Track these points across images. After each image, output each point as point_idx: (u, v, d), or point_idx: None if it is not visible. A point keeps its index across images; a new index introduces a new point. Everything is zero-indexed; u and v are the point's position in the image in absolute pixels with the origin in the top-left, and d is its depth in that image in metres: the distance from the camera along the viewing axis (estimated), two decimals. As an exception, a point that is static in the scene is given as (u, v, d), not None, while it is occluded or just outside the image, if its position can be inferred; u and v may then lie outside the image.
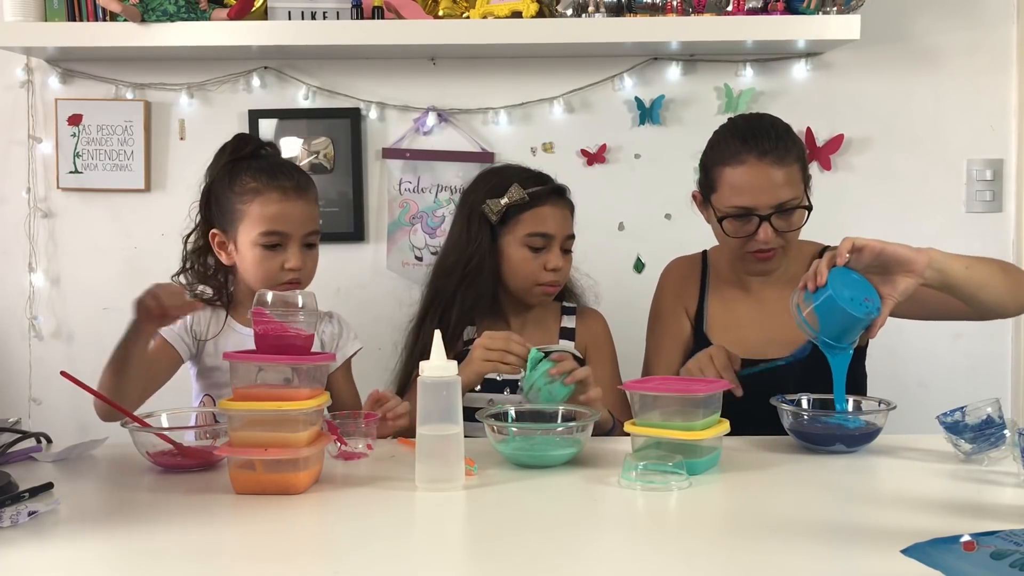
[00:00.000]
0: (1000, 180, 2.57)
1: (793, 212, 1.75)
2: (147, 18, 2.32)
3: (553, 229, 1.86)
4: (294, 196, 1.76)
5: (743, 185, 1.73)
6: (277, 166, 1.80)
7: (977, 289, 1.55)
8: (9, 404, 2.55)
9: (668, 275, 2.00)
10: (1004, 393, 2.57)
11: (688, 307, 1.92)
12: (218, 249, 1.80)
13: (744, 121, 1.83)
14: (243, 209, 1.75)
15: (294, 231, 1.75)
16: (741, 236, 1.75)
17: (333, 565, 1.08)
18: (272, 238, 1.74)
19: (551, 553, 1.09)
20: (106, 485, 1.45)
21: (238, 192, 1.76)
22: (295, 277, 1.76)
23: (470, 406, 1.82)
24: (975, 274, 1.54)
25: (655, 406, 1.44)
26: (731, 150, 1.75)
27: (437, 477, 1.35)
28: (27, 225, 2.57)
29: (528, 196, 1.86)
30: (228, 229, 1.78)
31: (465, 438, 1.62)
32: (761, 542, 1.12)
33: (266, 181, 1.75)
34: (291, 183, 1.76)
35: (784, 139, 1.75)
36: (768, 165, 1.72)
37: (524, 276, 1.87)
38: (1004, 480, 1.36)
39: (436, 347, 1.37)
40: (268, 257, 1.75)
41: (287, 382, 1.37)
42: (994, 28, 2.55)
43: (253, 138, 1.85)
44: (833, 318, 1.47)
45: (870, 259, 1.49)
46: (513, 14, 2.35)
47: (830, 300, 1.46)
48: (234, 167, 1.78)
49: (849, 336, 1.51)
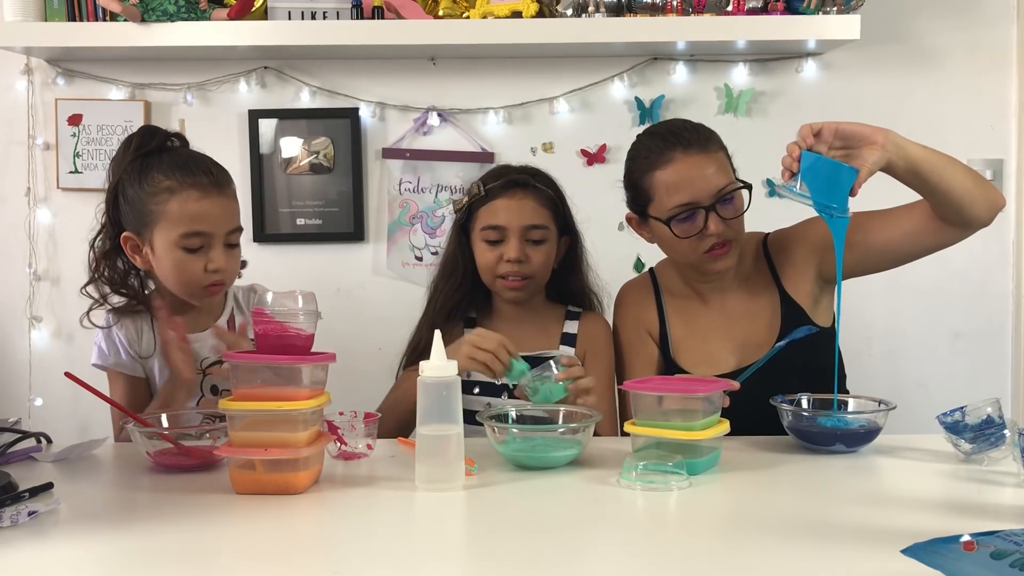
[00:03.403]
0: (1000, 180, 2.57)
1: (734, 197, 1.74)
2: (147, 18, 2.32)
3: (505, 220, 1.83)
4: (214, 192, 1.64)
5: (678, 182, 1.71)
6: (191, 160, 1.67)
7: (941, 171, 1.55)
8: (9, 404, 2.55)
9: (622, 302, 1.94)
10: (1004, 393, 2.57)
11: (651, 329, 1.87)
12: (131, 253, 1.68)
13: (658, 127, 1.84)
14: (158, 210, 1.62)
15: (216, 230, 1.64)
16: (692, 236, 1.72)
17: (333, 565, 1.08)
18: (193, 240, 1.63)
19: (551, 553, 1.09)
20: (106, 485, 1.45)
21: (150, 192, 1.63)
22: (219, 279, 1.66)
23: (469, 408, 1.82)
24: (934, 156, 1.55)
25: (655, 406, 1.44)
26: (655, 154, 1.74)
27: (437, 477, 1.35)
28: (27, 225, 2.58)
29: (485, 191, 1.86)
30: (142, 231, 1.65)
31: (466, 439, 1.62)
32: (761, 542, 1.12)
33: (181, 178, 1.62)
34: (209, 179, 1.65)
35: (700, 131, 1.77)
36: (696, 155, 1.72)
37: (485, 270, 1.87)
38: (1004, 480, 1.36)
39: (436, 347, 1.37)
40: (189, 260, 1.63)
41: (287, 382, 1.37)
42: (994, 28, 2.55)
43: (160, 130, 1.73)
44: (820, 174, 1.48)
45: (830, 137, 1.51)
46: (513, 14, 2.35)
47: (810, 158, 1.48)
48: (143, 163, 1.65)
49: (840, 191, 1.49)
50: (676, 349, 1.84)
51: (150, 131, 1.74)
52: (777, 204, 2.66)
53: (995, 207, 1.65)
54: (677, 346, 1.84)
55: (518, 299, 1.89)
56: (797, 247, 1.82)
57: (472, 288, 1.91)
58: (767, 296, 1.81)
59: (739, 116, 2.54)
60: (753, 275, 1.84)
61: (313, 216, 2.58)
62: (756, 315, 1.80)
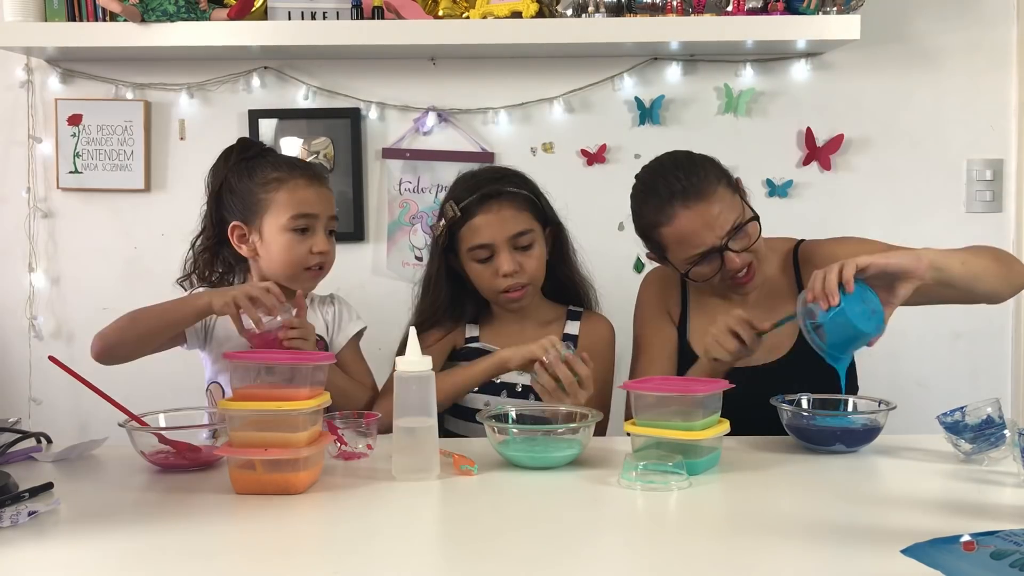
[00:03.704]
0: (1000, 180, 2.57)
1: (746, 228, 1.73)
2: (147, 18, 2.32)
3: (489, 237, 1.81)
4: (317, 183, 1.81)
5: (686, 235, 1.71)
6: (293, 159, 1.88)
7: (973, 282, 1.57)
8: (9, 404, 2.55)
9: (649, 283, 1.97)
10: (1004, 393, 2.57)
11: (672, 312, 1.90)
12: (238, 242, 1.80)
13: (651, 176, 1.79)
14: (269, 198, 1.77)
15: (322, 213, 1.79)
16: (714, 275, 1.74)
17: (333, 565, 1.08)
18: (302, 221, 1.76)
19: (551, 553, 1.09)
20: (106, 485, 1.44)
21: (261, 183, 1.78)
22: (321, 261, 1.79)
23: (469, 406, 1.83)
24: (971, 268, 1.56)
25: (655, 406, 1.44)
26: (655, 211, 1.73)
27: (413, 468, 1.40)
28: (27, 225, 2.57)
29: (460, 211, 1.83)
30: (251, 220, 1.78)
31: (465, 439, 1.63)
32: (761, 542, 1.12)
33: (289, 169, 1.79)
34: (312, 172, 1.83)
35: (694, 172, 1.72)
36: (695, 206, 1.69)
37: (485, 289, 1.86)
38: (1004, 480, 1.36)
39: (411, 343, 1.42)
40: (297, 241, 1.76)
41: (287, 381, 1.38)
42: (994, 28, 2.55)
43: (255, 141, 1.91)
44: (842, 333, 1.47)
45: (873, 275, 1.49)
46: (513, 14, 2.35)
47: (842, 314, 1.44)
48: (249, 164, 1.81)
49: (854, 346, 1.51)
50: (693, 338, 1.86)
51: (248, 141, 1.91)
52: (777, 203, 2.66)
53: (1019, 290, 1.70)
54: (695, 335, 1.86)
55: (522, 307, 1.88)
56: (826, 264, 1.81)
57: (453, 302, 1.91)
58: (789, 305, 1.81)
59: (739, 116, 2.54)
60: (778, 282, 1.84)
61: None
62: (775, 320, 1.80)
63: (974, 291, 1.58)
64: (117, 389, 1.55)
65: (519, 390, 1.83)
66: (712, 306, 1.86)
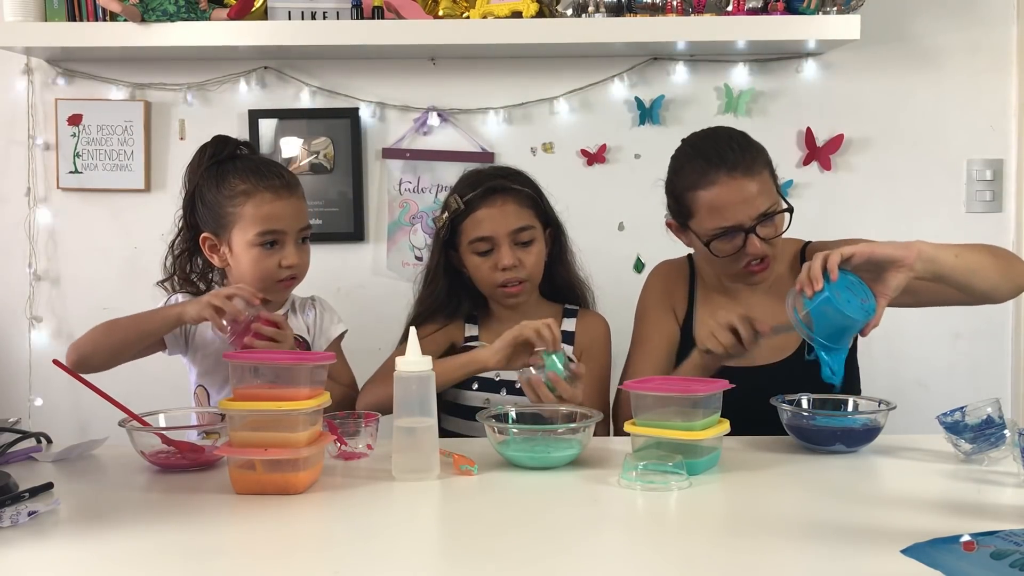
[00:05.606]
0: (1000, 180, 2.57)
1: (775, 217, 1.73)
2: (147, 18, 2.32)
3: (491, 230, 1.83)
4: (285, 194, 1.78)
5: (721, 205, 1.70)
6: (263, 165, 1.81)
7: (969, 276, 1.55)
8: (9, 404, 2.55)
9: (657, 275, 1.97)
10: (1004, 393, 2.57)
11: (677, 308, 1.90)
12: (209, 253, 1.81)
13: (702, 140, 1.79)
14: (236, 212, 1.75)
15: (289, 228, 1.77)
16: (731, 255, 1.73)
17: (333, 565, 1.08)
18: (268, 237, 1.75)
19: (551, 553, 1.09)
20: (106, 485, 1.44)
21: (228, 195, 1.76)
22: (292, 273, 1.79)
23: (468, 405, 1.83)
24: (965, 261, 1.54)
25: (655, 406, 1.44)
26: (698, 173, 1.72)
27: (413, 468, 1.39)
28: (27, 225, 2.57)
29: (464, 204, 1.84)
30: (220, 233, 1.78)
31: (465, 438, 1.63)
32: (761, 542, 1.12)
33: (255, 182, 1.76)
34: (280, 181, 1.78)
35: (747, 149, 1.73)
36: (740, 179, 1.69)
37: (483, 282, 1.87)
38: (1004, 480, 1.36)
39: (411, 343, 1.43)
40: (265, 256, 1.76)
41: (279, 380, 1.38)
42: (994, 28, 2.55)
43: (231, 139, 1.86)
44: (829, 320, 1.46)
45: (860, 263, 1.49)
46: (513, 14, 2.35)
47: (827, 302, 1.45)
48: (219, 170, 1.78)
49: (845, 337, 1.50)
50: (698, 332, 1.84)
51: (223, 140, 1.85)
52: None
53: (1021, 288, 1.67)
54: (700, 330, 1.84)
55: (519, 303, 1.89)
56: None
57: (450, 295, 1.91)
58: None
59: (739, 116, 2.54)
60: (785, 282, 1.83)
61: (313, 216, 2.57)
62: (778, 320, 1.80)
63: (972, 287, 1.57)
64: (117, 389, 1.56)
65: (518, 386, 1.83)
66: (719, 303, 1.86)
